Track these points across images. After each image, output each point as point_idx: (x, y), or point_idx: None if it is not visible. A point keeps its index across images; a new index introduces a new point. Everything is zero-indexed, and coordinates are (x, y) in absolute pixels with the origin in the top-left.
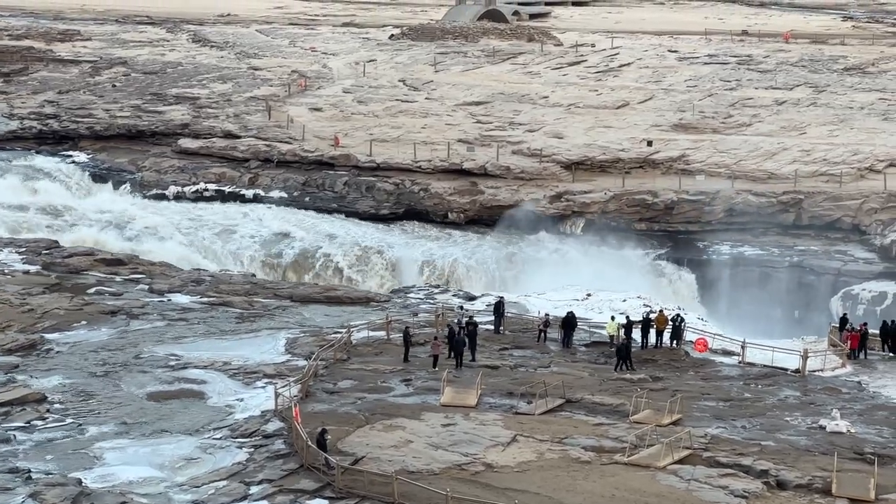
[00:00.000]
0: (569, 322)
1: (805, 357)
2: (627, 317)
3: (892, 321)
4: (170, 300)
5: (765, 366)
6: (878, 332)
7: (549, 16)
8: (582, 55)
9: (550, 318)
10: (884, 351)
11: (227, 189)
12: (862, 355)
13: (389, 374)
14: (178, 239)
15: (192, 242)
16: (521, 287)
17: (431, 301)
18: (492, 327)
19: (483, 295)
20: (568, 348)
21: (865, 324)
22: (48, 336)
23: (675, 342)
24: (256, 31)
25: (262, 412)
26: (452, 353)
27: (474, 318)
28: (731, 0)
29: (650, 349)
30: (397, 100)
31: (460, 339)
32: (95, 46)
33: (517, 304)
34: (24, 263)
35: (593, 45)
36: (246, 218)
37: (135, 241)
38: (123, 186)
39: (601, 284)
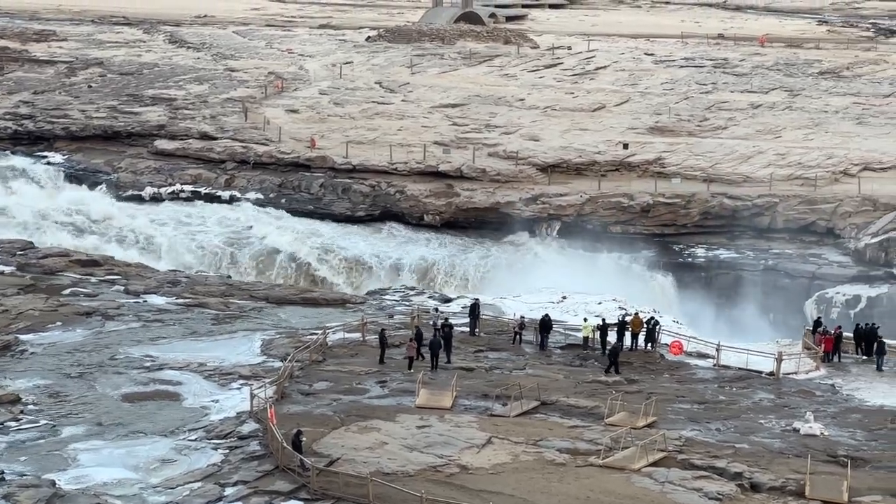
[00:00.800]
0: (544, 325)
1: (779, 360)
2: (603, 319)
3: (866, 324)
4: (145, 301)
5: (739, 368)
6: (851, 335)
7: (526, 18)
8: (558, 58)
9: (526, 320)
10: (857, 354)
11: (203, 190)
12: (836, 358)
13: (365, 375)
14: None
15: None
16: (497, 289)
17: (407, 303)
18: (467, 329)
19: (458, 297)
20: (543, 351)
21: (840, 327)
22: (23, 337)
23: (649, 345)
24: (233, 32)
25: (238, 413)
26: (421, 356)
27: (450, 321)
28: (707, 4)
29: (625, 352)
30: (373, 102)
31: (436, 342)
32: (71, 47)
33: (492, 307)
34: None
35: (570, 48)
36: (219, 217)
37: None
38: (99, 187)
39: (576, 287)
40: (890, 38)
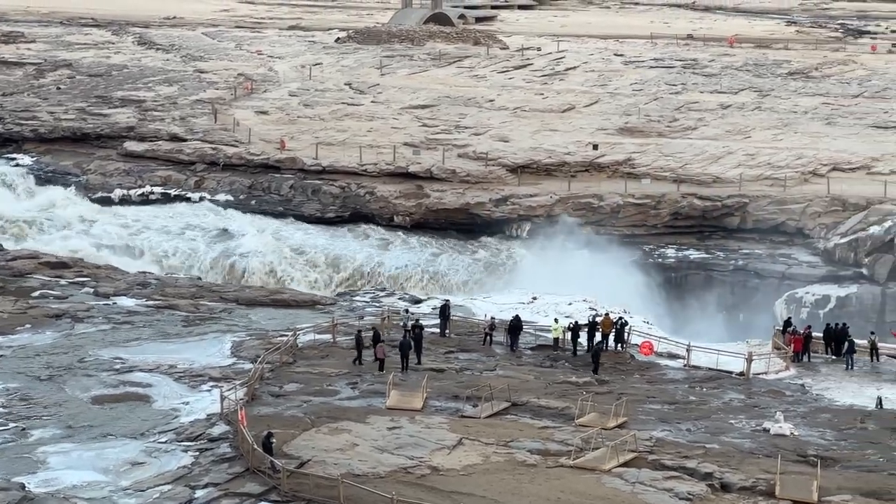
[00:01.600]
0: (515, 326)
1: (749, 360)
2: (576, 321)
3: (836, 324)
4: (115, 303)
5: (710, 369)
6: (821, 335)
7: (495, 19)
8: (528, 59)
9: (496, 321)
10: (827, 354)
11: (172, 192)
12: (806, 358)
13: (335, 377)
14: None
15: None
16: (467, 290)
17: (377, 304)
18: (437, 331)
19: (429, 298)
20: (514, 352)
21: (809, 327)
22: None
23: (619, 345)
24: (202, 33)
25: (208, 415)
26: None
27: (420, 322)
28: (677, 4)
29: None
30: (343, 103)
31: (406, 343)
32: (40, 48)
33: (463, 308)
34: None
35: (539, 49)
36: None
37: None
38: (69, 189)
39: (547, 288)
40: (858, 39)
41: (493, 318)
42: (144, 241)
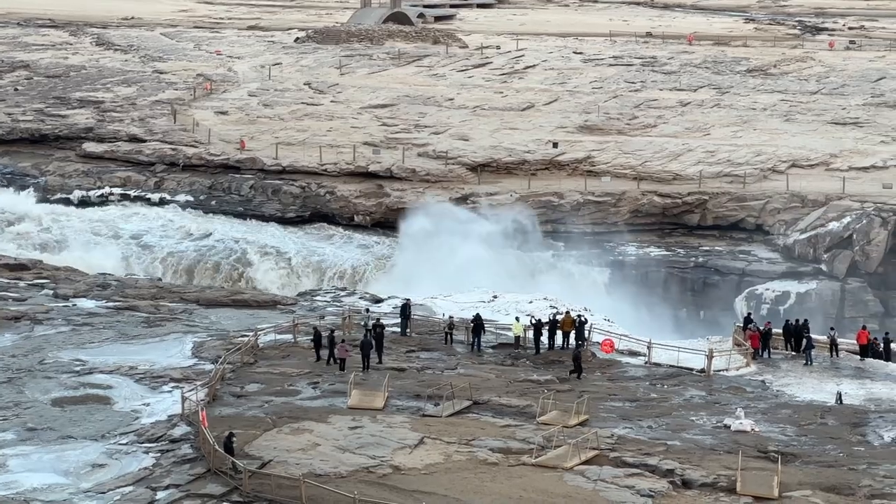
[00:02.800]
0: (476, 325)
1: (710, 357)
2: (539, 319)
3: (796, 320)
4: (75, 305)
5: (671, 366)
6: (781, 331)
7: (454, 18)
8: (487, 57)
9: (455, 319)
10: (787, 350)
11: (132, 193)
12: (766, 354)
13: (296, 377)
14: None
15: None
16: (428, 289)
17: (338, 304)
18: (398, 330)
19: (389, 297)
20: (477, 352)
21: (769, 323)
22: None
23: (580, 343)
24: (161, 34)
25: (169, 417)
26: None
27: (381, 321)
28: (635, 2)
29: (556, 351)
30: (303, 103)
31: (367, 342)
32: None
33: (424, 307)
34: None
35: (498, 48)
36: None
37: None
38: (27, 191)
39: (508, 286)
40: (816, 36)
41: (451, 316)
42: (104, 241)
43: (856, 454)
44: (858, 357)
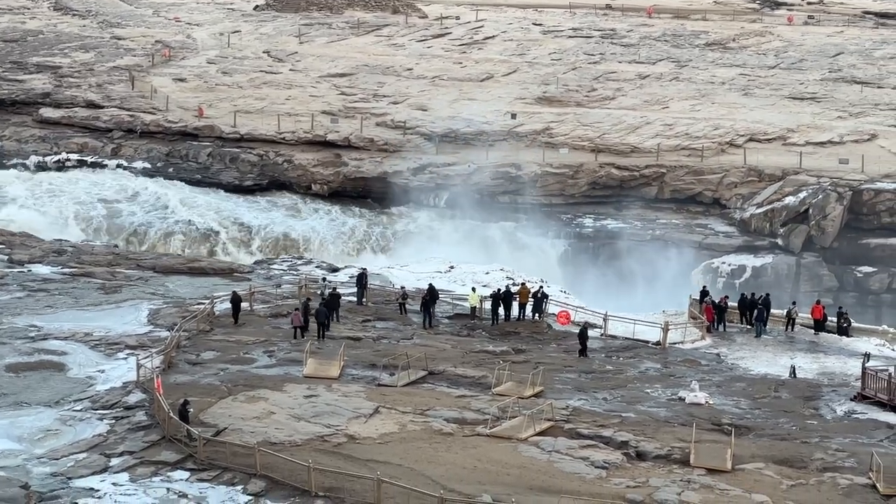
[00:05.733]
0: (428, 300)
1: (666, 330)
2: (499, 289)
3: (762, 295)
4: (30, 271)
5: (626, 338)
6: (736, 304)
7: None
8: (446, 28)
9: (408, 290)
10: (742, 323)
11: (89, 159)
12: (721, 328)
13: (252, 345)
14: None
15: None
16: (384, 259)
17: (294, 272)
18: (354, 299)
19: (346, 266)
20: (431, 328)
21: (726, 296)
22: None
23: (536, 315)
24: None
25: (124, 384)
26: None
27: (337, 290)
28: None
29: (512, 322)
30: (262, 71)
31: (322, 311)
32: None
33: (380, 276)
34: None
35: (458, 18)
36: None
37: None
38: None
39: (464, 257)
40: (775, 11)
41: (403, 287)
42: (62, 207)
43: (809, 427)
44: (813, 331)
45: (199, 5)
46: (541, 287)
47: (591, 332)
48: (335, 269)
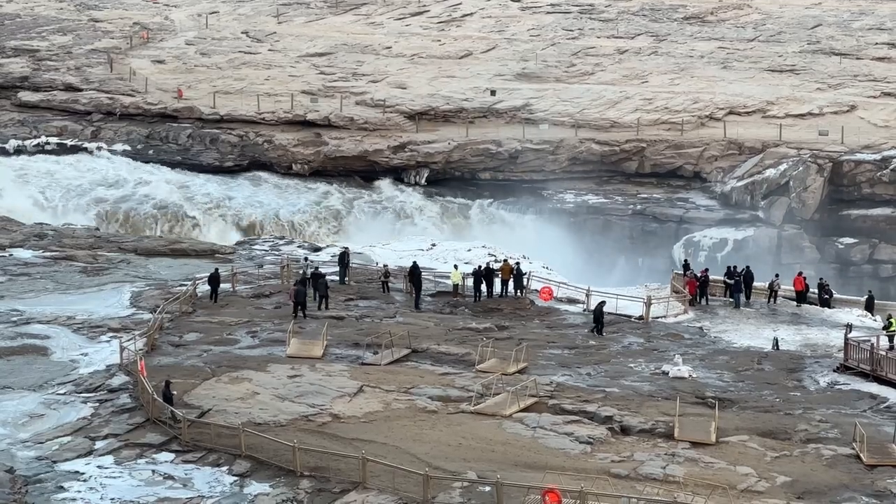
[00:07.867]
0: (416, 278)
1: (648, 304)
2: (481, 266)
3: (745, 267)
4: (11, 255)
5: (609, 313)
6: (723, 277)
7: None
8: (424, 5)
9: (390, 268)
10: (725, 297)
11: (69, 142)
12: (703, 301)
13: (235, 326)
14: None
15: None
16: (366, 237)
17: (277, 252)
18: (337, 278)
19: (328, 246)
20: (418, 309)
21: (706, 270)
22: None
23: (519, 291)
24: None
25: (107, 366)
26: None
27: (319, 269)
28: None
29: (495, 298)
30: (240, 51)
31: (302, 290)
32: None
33: (362, 255)
34: None
35: None
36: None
37: None
38: None
39: (446, 234)
40: None
41: (385, 265)
42: (43, 191)
43: (792, 399)
44: (795, 303)
45: None
46: (518, 263)
47: (572, 308)
48: (317, 249)
